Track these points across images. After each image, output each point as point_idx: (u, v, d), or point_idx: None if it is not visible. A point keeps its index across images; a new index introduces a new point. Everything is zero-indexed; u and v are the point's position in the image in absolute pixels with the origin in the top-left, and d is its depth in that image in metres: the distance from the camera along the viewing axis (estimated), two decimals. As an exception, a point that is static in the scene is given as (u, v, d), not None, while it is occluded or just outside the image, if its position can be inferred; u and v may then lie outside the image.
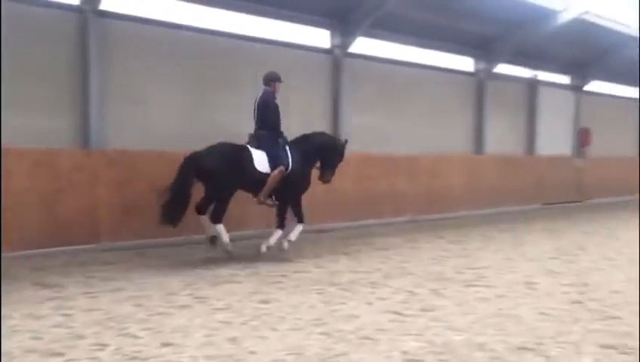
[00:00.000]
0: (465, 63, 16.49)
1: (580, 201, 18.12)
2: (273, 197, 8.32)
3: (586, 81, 20.02)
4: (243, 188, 8.25)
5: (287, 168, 8.21)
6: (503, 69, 17.07)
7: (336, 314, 5.45)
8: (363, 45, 13.56)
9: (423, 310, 5.63)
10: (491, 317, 5.41)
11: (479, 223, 12.79)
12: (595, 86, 20.68)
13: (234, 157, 7.98)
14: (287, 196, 8.41)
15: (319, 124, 12.88)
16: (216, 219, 7.96)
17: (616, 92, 22.35)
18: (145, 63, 10.38)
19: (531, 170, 16.88)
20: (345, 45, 13.04)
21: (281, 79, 8.45)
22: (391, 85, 14.24)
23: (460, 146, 16.15)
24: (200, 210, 8.09)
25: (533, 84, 18.29)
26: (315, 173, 8.80)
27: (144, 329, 4.93)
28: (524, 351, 4.49)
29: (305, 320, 5.24)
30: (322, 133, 8.92)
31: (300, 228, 8.48)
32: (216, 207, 7.99)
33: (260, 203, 8.25)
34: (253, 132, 8.40)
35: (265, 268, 7.59)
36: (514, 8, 14.41)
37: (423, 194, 13.43)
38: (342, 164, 9.06)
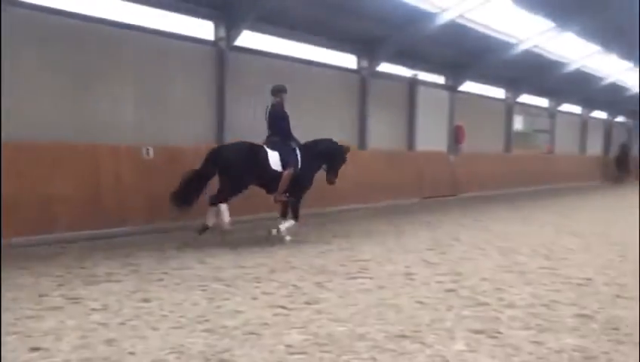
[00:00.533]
0: (349, 61, 16.87)
1: (454, 195, 19.15)
2: (287, 194, 9.25)
3: (460, 82, 21.19)
4: (258, 184, 9.19)
5: (295, 168, 9.16)
6: (385, 67, 17.66)
7: (220, 311, 5.38)
8: (249, 39, 13.46)
9: (307, 303, 5.70)
10: (372, 307, 5.58)
11: (362, 217, 13.16)
12: (468, 86, 21.95)
13: (252, 154, 8.89)
14: (293, 192, 9.33)
15: (202, 116, 12.68)
16: (220, 199, 8.71)
17: (487, 93, 23.88)
18: (15, 49, 9.64)
19: (411, 166, 17.57)
20: (230, 38, 12.87)
21: (286, 90, 9.53)
22: (276, 80, 14.15)
23: (344, 141, 16.46)
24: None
25: (413, 83, 19.09)
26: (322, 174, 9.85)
27: (11, 334, 4.59)
28: (402, 338, 4.68)
29: (188, 318, 5.13)
30: (329, 140, 10.01)
31: (293, 223, 9.40)
32: (224, 191, 8.77)
33: (277, 201, 9.26)
34: (266, 137, 9.35)
35: (145, 266, 7.33)
36: (395, 9, 14.93)
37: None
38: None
